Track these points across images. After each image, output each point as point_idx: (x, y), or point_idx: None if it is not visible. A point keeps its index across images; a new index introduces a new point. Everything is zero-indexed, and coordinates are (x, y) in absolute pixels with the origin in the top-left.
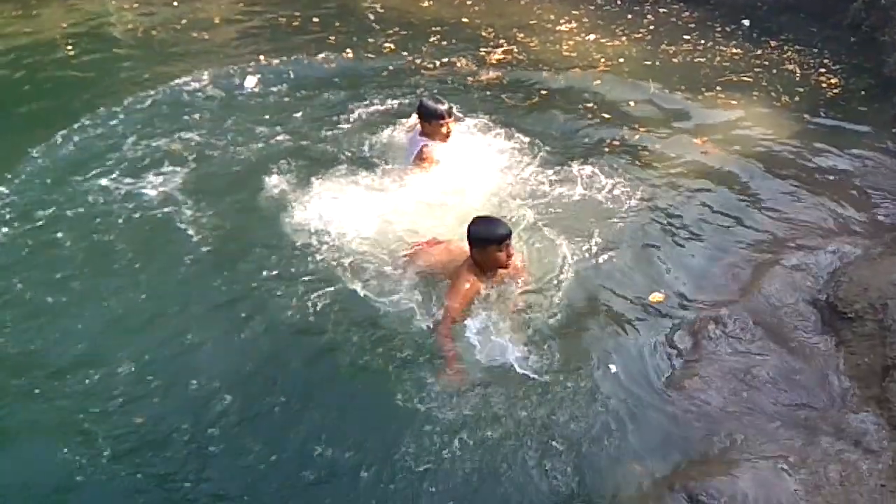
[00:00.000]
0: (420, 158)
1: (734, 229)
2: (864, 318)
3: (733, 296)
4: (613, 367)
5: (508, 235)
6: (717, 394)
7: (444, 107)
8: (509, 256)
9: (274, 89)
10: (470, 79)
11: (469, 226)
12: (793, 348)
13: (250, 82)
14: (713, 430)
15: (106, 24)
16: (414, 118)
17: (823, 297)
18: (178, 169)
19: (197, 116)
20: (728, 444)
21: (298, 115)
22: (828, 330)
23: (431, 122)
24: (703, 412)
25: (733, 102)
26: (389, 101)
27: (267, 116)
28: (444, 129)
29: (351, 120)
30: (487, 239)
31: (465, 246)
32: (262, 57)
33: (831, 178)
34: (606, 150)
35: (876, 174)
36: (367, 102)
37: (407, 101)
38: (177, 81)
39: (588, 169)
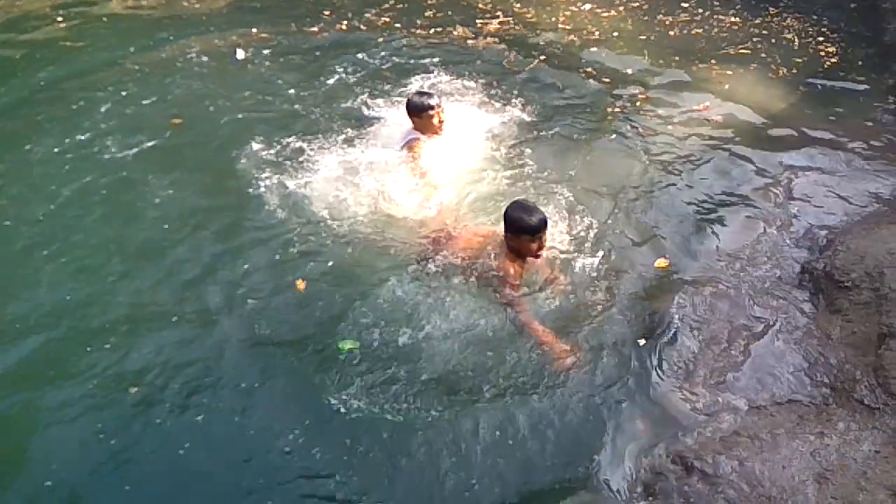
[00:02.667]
0: (409, 148)
1: (733, 198)
2: (860, 286)
3: (733, 263)
4: (616, 339)
5: (542, 227)
6: (714, 362)
7: (430, 99)
8: (541, 248)
9: (265, 61)
10: (470, 42)
11: (506, 210)
12: (789, 317)
13: (240, 54)
14: (709, 399)
15: None
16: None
17: (820, 265)
18: (162, 138)
19: (185, 86)
20: (724, 412)
21: (288, 87)
22: (824, 298)
23: (422, 115)
24: (700, 381)
25: (731, 72)
26: (383, 74)
27: (257, 88)
28: (434, 120)
29: (342, 94)
30: (521, 228)
31: (495, 230)
32: (254, 29)
33: (829, 147)
34: (609, 118)
35: (874, 144)
36: (360, 76)
37: (402, 74)
38: (167, 51)
39: (589, 136)
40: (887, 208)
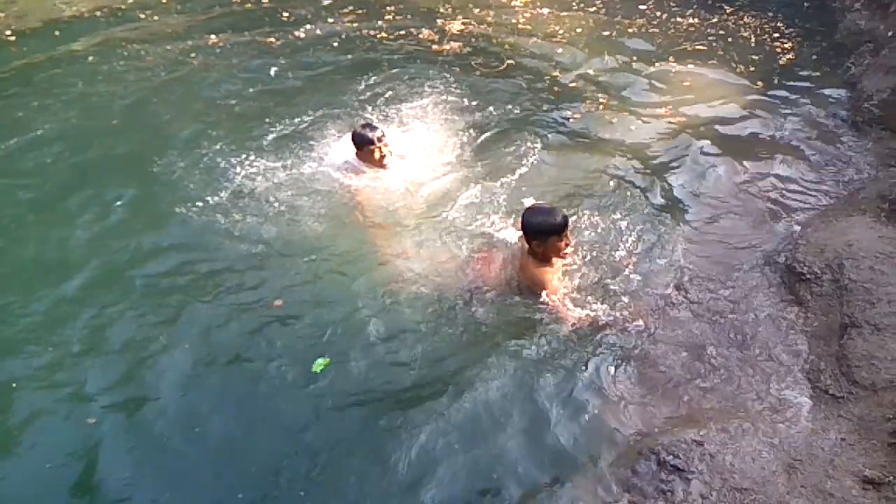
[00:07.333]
0: (352, 174)
1: (695, 195)
2: (821, 278)
3: (696, 260)
4: (584, 339)
5: (567, 223)
6: (681, 359)
7: (373, 133)
8: (567, 244)
9: (218, 69)
10: (434, 46)
11: (524, 217)
12: (753, 310)
13: (197, 62)
14: (679, 395)
15: (51, 8)
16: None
17: (782, 258)
18: (103, 146)
19: (134, 94)
20: (693, 407)
21: (239, 95)
22: (786, 291)
23: (363, 149)
24: (668, 377)
25: (690, 70)
26: (344, 82)
27: (207, 97)
28: (375, 155)
29: (294, 104)
30: (547, 230)
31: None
32: (212, 36)
33: (787, 143)
34: (571, 121)
35: (831, 137)
36: (316, 84)
37: (361, 80)
38: (123, 60)
39: (552, 140)
40: (845, 201)
